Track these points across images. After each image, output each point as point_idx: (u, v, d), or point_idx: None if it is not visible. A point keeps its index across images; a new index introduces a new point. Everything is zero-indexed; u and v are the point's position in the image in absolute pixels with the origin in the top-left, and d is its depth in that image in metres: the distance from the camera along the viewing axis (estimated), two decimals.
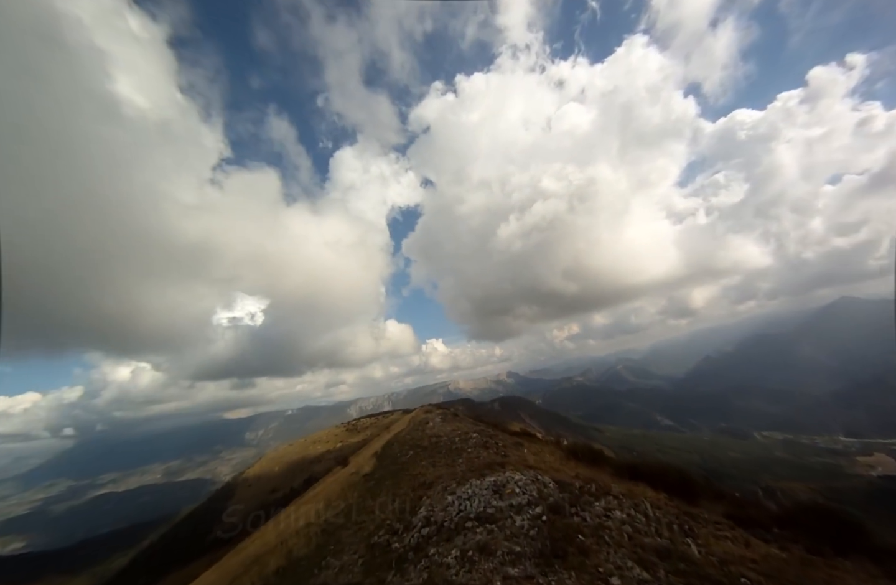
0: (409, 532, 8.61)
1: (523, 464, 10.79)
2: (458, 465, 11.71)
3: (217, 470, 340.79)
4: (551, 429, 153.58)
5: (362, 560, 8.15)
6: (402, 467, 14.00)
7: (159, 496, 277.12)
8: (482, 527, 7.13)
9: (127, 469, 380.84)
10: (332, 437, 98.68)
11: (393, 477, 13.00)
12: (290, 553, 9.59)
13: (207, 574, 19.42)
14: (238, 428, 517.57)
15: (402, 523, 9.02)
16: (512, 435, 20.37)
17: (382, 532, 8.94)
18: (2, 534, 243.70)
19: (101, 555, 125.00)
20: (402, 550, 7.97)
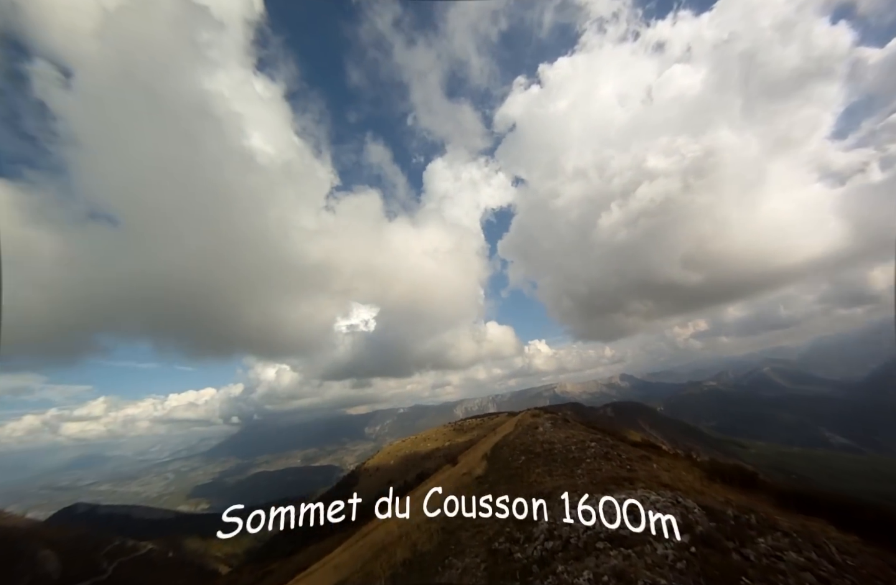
0: (532, 544, 8.27)
1: (656, 482, 9.58)
2: (578, 476, 10.95)
3: (343, 459, 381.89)
4: (678, 441, 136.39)
5: (485, 566, 8.07)
6: (515, 472, 13.67)
7: (300, 477, 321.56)
8: (616, 551, 6.44)
9: (276, 453, 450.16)
10: (440, 436, 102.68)
11: (507, 482, 12.75)
12: (414, 547, 9.99)
13: (338, 551, 21.54)
14: (359, 423, 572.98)
15: (522, 532, 8.72)
16: (634, 446, 18.45)
17: (503, 539, 8.75)
18: (194, 496, 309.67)
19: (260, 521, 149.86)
20: (526, 561, 7.68)
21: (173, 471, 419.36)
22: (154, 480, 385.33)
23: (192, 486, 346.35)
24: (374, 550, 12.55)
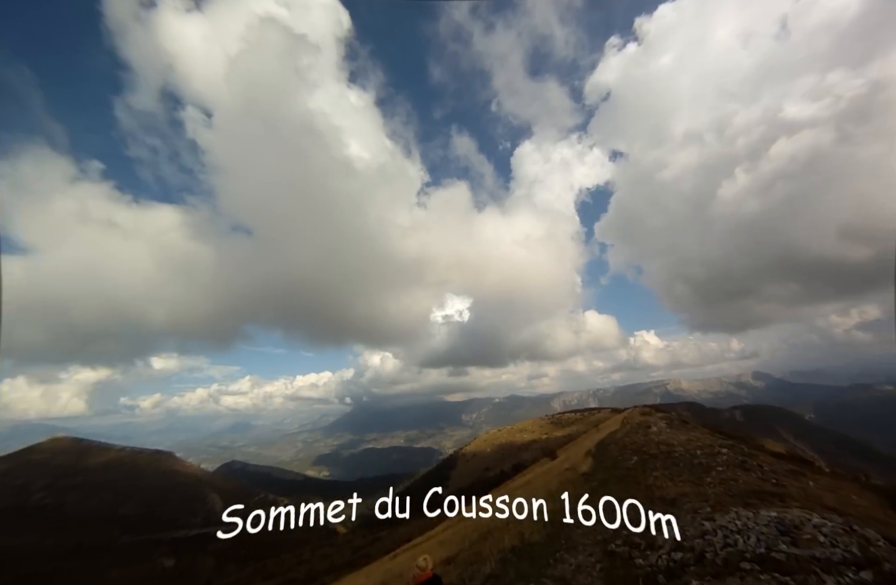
0: (655, 552, 7.57)
1: (818, 503, 7.96)
2: (708, 485, 9.68)
3: (442, 443, 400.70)
4: (835, 457, 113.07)
5: (601, 566, 7.65)
6: (627, 473, 12.68)
7: (403, 456, 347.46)
8: (768, 575, 5.49)
9: (382, 432, 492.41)
10: (537, 428, 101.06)
11: (619, 483, 11.89)
12: (522, 536, 9.94)
13: (441, 529, 22.58)
14: (456, 410, 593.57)
15: (643, 538, 8.03)
16: (777, 458, 15.69)
17: (620, 541, 8.18)
18: (317, 464, 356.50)
19: (371, 492, 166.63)
20: (650, 569, 7.06)
21: (301, 441, 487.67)
22: (287, 447, 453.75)
23: (315, 455, 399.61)
24: (481, 532, 12.80)
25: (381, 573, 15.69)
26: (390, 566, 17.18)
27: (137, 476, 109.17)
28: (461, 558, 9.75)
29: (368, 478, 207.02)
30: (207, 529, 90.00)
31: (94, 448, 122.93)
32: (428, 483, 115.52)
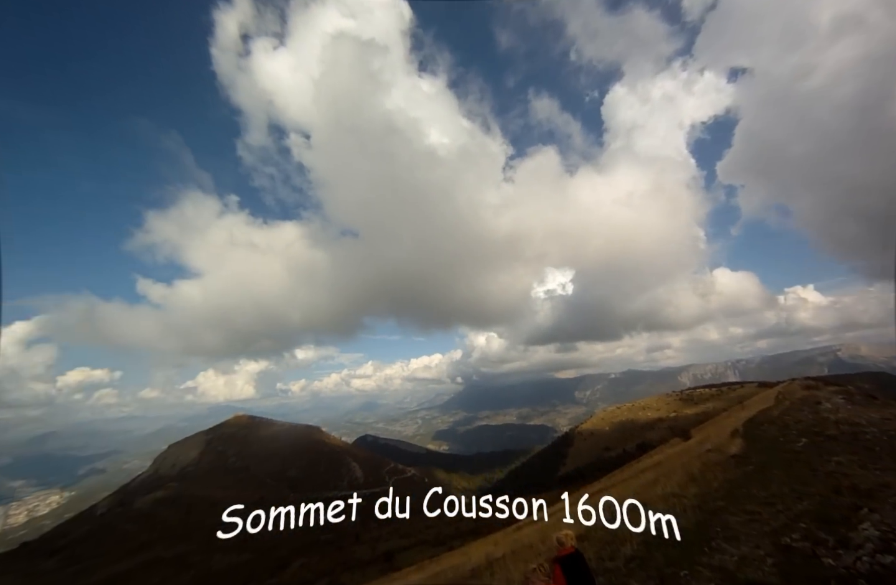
0: (850, 551, 6.10)
1: None
2: None
3: (556, 421, 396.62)
4: None
5: (773, 561, 6.44)
6: (795, 457, 10.57)
7: (517, 433, 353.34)
8: None
9: (495, 409, 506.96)
10: (662, 405, 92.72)
11: (785, 467, 9.96)
12: None
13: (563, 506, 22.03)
14: (568, 387, 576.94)
15: (830, 534, 6.54)
16: None
17: (797, 535, 6.79)
18: (436, 439, 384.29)
19: (488, 467, 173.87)
20: (845, 572, 5.70)
21: (421, 418, 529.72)
22: (409, 423, 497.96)
23: (434, 430, 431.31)
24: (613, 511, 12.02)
25: (508, 542, 15.98)
26: (517, 536, 17.43)
27: (296, 446, 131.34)
28: (595, 536, 9.23)
29: (485, 453, 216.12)
30: (352, 491, 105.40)
31: (263, 423, 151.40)
32: (544, 460, 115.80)
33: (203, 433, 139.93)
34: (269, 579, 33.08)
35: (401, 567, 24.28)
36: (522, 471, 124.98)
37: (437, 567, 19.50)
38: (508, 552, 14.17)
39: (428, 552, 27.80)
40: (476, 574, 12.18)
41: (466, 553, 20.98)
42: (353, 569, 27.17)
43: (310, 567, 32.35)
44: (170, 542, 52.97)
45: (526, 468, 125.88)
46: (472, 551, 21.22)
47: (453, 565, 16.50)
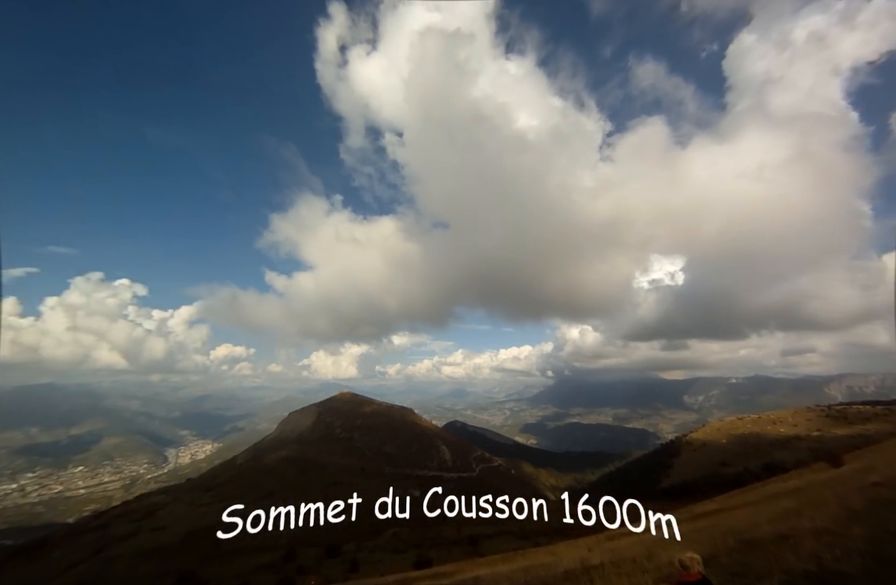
0: None
1: None
2: None
3: (659, 426, 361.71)
4: None
5: None
6: None
7: (612, 435, 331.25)
8: None
9: (587, 407, 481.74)
10: (801, 420, 77.63)
11: None
12: (818, 559, 7.14)
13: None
14: (675, 389, 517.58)
15: None
16: None
17: None
18: (524, 432, 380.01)
19: (578, 466, 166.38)
20: None
21: (508, 409, 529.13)
22: (497, 413, 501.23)
23: (522, 423, 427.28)
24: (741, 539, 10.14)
25: (605, 551, 14.70)
26: (613, 546, 15.98)
27: (392, 424, 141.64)
28: (722, 562, 7.77)
29: (575, 452, 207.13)
30: (440, 472, 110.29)
31: (364, 401, 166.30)
32: (644, 468, 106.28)
33: (315, 405, 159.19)
34: (367, 541, 36.18)
35: (485, 554, 24.39)
36: (617, 476, 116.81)
37: (525, 562, 18.93)
38: (607, 561, 12.96)
39: (512, 543, 27.46)
40: (570, 577, 11.37)
41: (555, 553, 20.07)
42: (440, 546, 28.27)
43: (400, 538, 34.65)
44: (288, 494, 61.47)
45: (622, 473, 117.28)
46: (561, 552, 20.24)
47: (543, 563, 15.82)
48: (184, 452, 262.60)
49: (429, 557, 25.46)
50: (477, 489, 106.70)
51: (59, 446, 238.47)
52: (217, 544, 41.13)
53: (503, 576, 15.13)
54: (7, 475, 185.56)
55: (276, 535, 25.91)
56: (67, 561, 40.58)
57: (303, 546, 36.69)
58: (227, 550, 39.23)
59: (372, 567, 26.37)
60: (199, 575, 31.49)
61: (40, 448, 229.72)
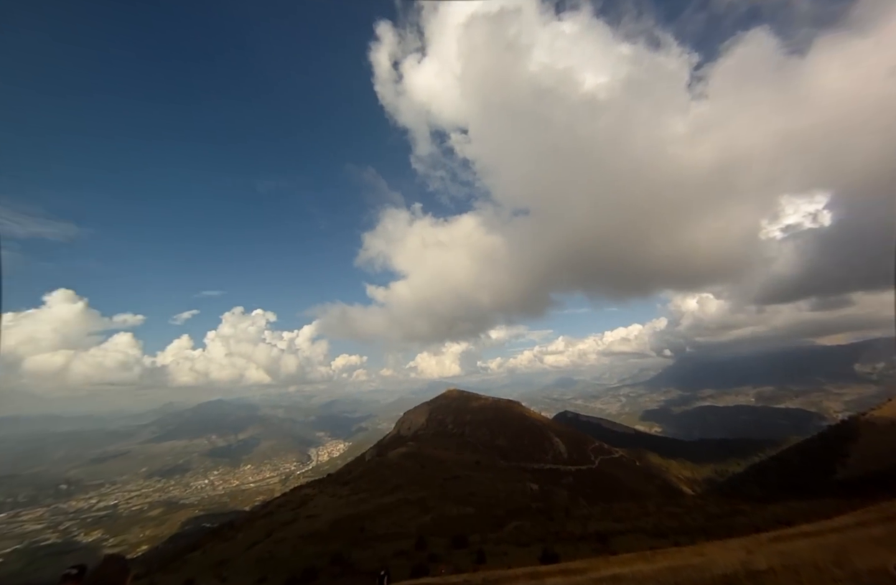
0: None
1: None
2: None
3: (822, 404, 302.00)
4: None
5: None
6: None
7: (757, 417, 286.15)
8: None
9: (720, 388, 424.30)
10: None
11: None
12: None
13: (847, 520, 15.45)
14: (839, 357, 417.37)
15: None
16: None
17: None
18: (645, 419, 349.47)
19: (718, 456, 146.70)
20: None
21: (624, 395, 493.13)
22: (611, 401, 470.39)
23: (641, 410, 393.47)
24: None
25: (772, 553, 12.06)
26: (784, 548, 13.12)
27: (501, 418, 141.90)
28: None
29: (712, 440, 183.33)
30: (557, 466, 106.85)
31: (471, 396, 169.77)
32: (808, 456, 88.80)
33: (426, 404, 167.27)
34: (491, 533, 36.25)
35: (617, 552, 22.34)
36: (772, 467, 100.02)
37: (669, 562, 16.69)
38: (778, 566, 10.54)
39: (646, 541, 24.72)
40: (732, 582, 9.45)
41: (703, 554, 17.42)
42: (565, 542, 26.77)
43: (523, 531, 33.87)
44: (412, 488, 65.17)
45: (777, 463, 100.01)
46: (711, 553, 17.47)
47: (691, 564, 13.69)
48: (322, 451, 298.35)
49: (554, 552, 24.30)
50: (599, 482, 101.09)
51: (232, 448, 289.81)
52: (361, 530, 45.30)
53: (647, 576, 13.37)
54: (200, 472, 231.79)
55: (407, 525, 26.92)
56: (247, 542, 47.99)
57: (431, 535, 38.36)
58: (368, 536, 42.98)
59: (498, 558, 26.14)
60: (347, 557, 34.66)
61: (219, 451, 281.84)
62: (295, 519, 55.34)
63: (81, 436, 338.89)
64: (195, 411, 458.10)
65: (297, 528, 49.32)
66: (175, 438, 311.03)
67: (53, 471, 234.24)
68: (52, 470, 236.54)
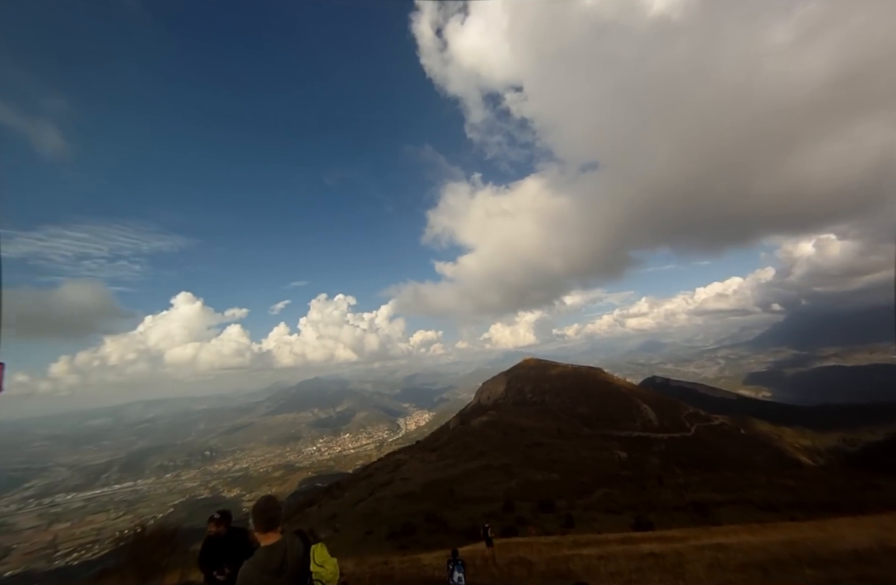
0: None
1: None
2: None
3: None
4: None
5: None
6: None
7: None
8: None
9: (848, 345, 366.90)
10: None
11: None
12: None
13: None
14: None
15: None
16: None
17: None
18: (750, 383, 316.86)
19: (846, 423, 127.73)
20: None
21: (722, 357, 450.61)
22: (707, 364, 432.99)
23: (745, 373, 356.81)
24: None
25: None
26: None
27: (582, 384, 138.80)
28: None
29: (838, 405, 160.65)
30: (647, 433, 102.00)
31: (549, 365, 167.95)
32: None
33: (504, 374, 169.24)
34: (578, 499, 36.10)
35: (720, 523, 20.69)
36: None
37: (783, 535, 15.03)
38: None
39: (753, 514, 22.51)
40: (863, 557, 8.05)
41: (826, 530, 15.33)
42: (659, 510, 25.56)
43: (612, 498, 33.13)
44: (496, 455, 67.23)
45: None
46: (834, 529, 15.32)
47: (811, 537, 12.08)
48: (409, 420, 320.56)
49: (648, 520, 23.33)
50: (696, 450, 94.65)
51: (332, 420, 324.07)
52: (450, 493, 48.30)
53: (756, 547, 12.08)
54: (309, 440, 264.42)
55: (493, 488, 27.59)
56: (353, 499, 53.66)
57: (517, 499, 39.44)
58: (457, 499, 45.73)
59: (587, 524, 25.91)
60: (440, 516, 37.22)
61: (321, 422, 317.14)
62: (391, 481, 60.54)
63: (214, 412, 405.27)
64: (298, 388, 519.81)
65: (393, 489, 53.97)
66: (285, 411, 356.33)
67: (198, 441, 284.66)
68: (197, 440, 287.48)
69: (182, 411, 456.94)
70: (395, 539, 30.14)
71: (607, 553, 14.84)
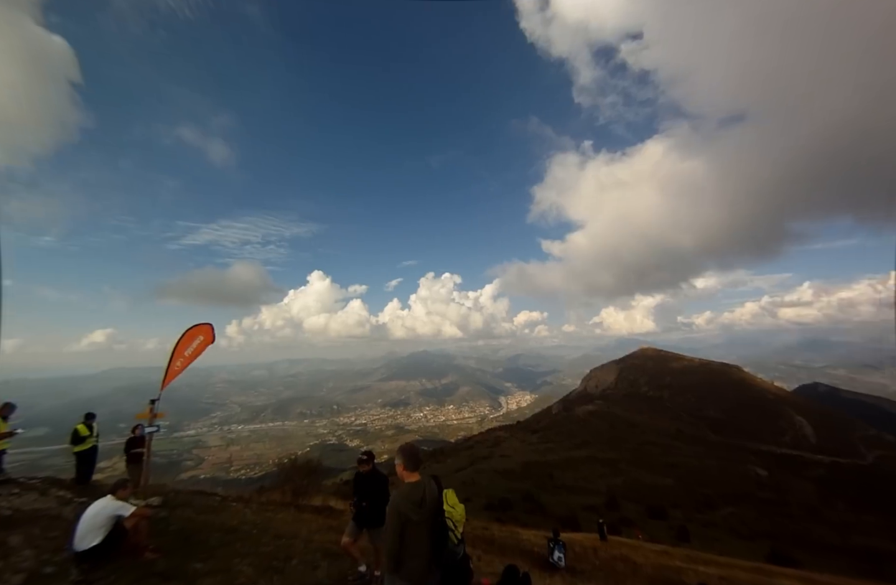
0: None
1: None
2: None
3: None
4: None
5: None
6: None
7: None
8: None
9: None
10: None
11: None
12: None
13: None
14: None
15: None
16: None
17: None
18: None
19: None
20: None
21: None
22: None
23: None
24: None
25: None
26: None
27: (713, 384, 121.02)
28: None
29: None
30: (800, 452, 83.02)
31: (671, 356, 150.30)
32: None
33: (615, 362, 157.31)
34: (697, 513, 32.08)
35: None
36: None
37: None
38: None
39: None
40: None
41: None
42: (809, 548, 20.86)
43: (742, 520, 28.36)
44: (601, 447, 63.61)
45: None
46: None
47: None
48: (511, 399, 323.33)
49: (792, 556, 19.32)
50: (873, 484, 72.13)
51: (437, 390, 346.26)
52: (549, 477, 47.76)
53: None
54: (416, 407, 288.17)
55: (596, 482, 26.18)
56: (454, 466, 57.03)
57: (622, 498, 36.81)
58: (556, 484, 44.97)
59: (706, 543, 22.78)
60: (537, 498, 37.22)
61: (429, 392, 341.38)
62: (491, 455, 62.37)
63: (340, 373, 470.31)
64: (408, 358, 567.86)
65: (492, 463, 55.56)
66: (397, 378, 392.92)
67: (328, 396, 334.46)
68: (328, 395, 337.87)
69: (317, 369, 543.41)
70: (491, 510, 31.15)
71: (731, 576, 12.87)
